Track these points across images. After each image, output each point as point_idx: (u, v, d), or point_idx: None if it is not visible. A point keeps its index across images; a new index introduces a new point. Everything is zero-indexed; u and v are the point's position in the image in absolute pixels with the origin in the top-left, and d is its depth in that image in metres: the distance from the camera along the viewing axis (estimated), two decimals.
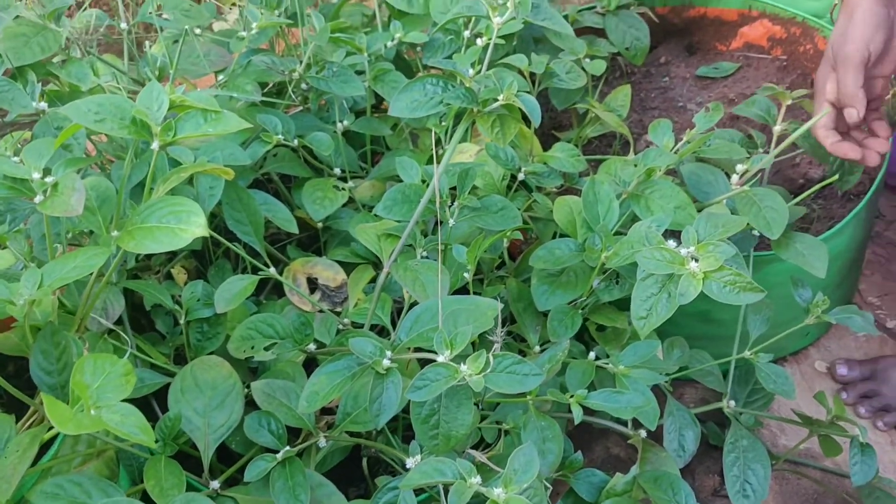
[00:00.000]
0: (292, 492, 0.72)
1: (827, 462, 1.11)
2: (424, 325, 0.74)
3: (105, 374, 0.58)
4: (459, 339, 0.67)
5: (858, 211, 1.08)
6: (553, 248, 0.88)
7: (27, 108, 0.87)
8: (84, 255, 0.65)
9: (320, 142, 0.99)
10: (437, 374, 0.65)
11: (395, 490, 0.70)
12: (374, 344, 0.71)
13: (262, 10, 1.03)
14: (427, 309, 0.74)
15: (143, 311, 0.97)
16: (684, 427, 0.89)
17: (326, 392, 0.70)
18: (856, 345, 1.26)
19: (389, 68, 1.04)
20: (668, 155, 0.90)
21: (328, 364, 0.72)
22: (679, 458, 0.88)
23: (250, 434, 0.76)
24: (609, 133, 1.26)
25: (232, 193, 0.92)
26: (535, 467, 0.62)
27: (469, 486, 0.60)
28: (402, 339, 0.73)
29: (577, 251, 0.88)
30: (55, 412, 0.54)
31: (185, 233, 0.65)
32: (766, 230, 0.89)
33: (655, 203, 0.88)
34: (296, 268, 0.98)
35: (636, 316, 0.72)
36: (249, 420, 0.77)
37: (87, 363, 0.58)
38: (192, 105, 0.69)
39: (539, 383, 0.67)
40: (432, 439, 0.69)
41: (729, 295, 0.68)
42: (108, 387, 0.58)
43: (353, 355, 0.71)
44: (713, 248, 0.70)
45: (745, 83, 1.32)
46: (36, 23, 0.92)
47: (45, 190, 0.69)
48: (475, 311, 0.73)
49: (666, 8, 1.39)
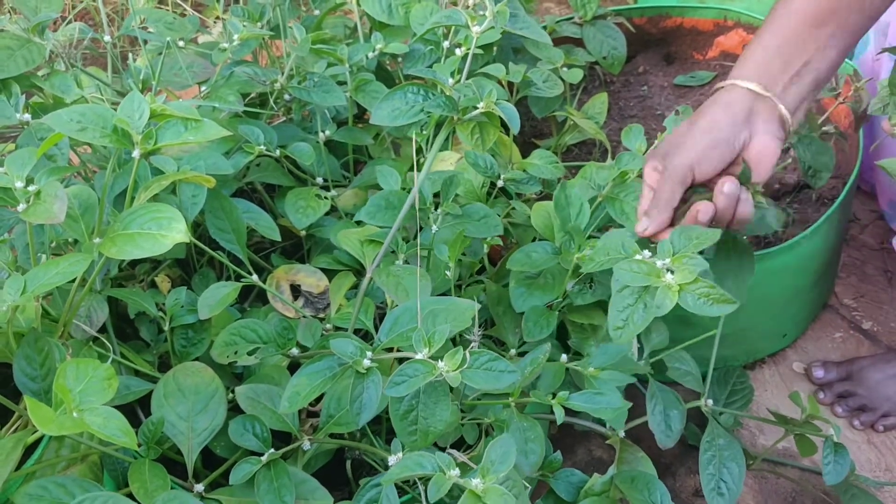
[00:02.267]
0: (277, 493, 0.73)
1: (805, 461, 1.12)
2: (404, 326, 0.75)
3: (88, 378, 0.59)
4: (437, 337, 0.68)
5: (831, 214, 1.10)
6: (530, 252, 0.90)
7: (11, 119, 0.88)
8: (67, 262, 0.66)
9: (302, 152, 1.00)
10: (414, 371, 0.67)
11: (377, 487, 0.71)
12: (355, 344, 0.72)
13: (244, 22, 1.04)
14: (406, 310, 0.76)
15: (127, 319, 0.97)
16: (669, 406, 0.90)
17: (307, 392, 0.71)
18: (832, 346, 1.28)
19: (371, 79, 1.06)
20: (640, 158, 0.92)
21: (309, 365, 0.73)
22: (667, 438, 0.89)
23: (235, 438, 0.77)
24: (589, 141, 1.28)
25: (214, 202, 0.93)
26: (512, 458, 0.63)
27: (448, 478, 0.61)
28: (381, 339, 0.75)
29: (553, 254, 0.90)
30: (38, 414, 0.55)
31: (166, 239, 0.66)
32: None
33: (629, 205, 0.90)
34: (279, 275, 0.99)
35: (613, 326, 0.72)
36: (234, 424, 0.78)
37: (69, 368, 0.59)
38: (173, 114, 0.71)
39: (515, 380, 0.68)
40: (411, 435, 0.70)
41: (703, 307, 0.69)
42: (91, 390, 0.58)
43: (335, 356, 0.72)
44: (688, 260, 0.71)
45: None
46: (20, 36, 0.93)
47: (27, 198, 0.70)
48: (453, 311, 0.74)
49: (643, 18, 1.42)
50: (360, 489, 0.72)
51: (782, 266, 1.11)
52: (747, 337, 1.21)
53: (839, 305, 1.33)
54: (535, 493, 1.01)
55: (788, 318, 1.24)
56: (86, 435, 0.70)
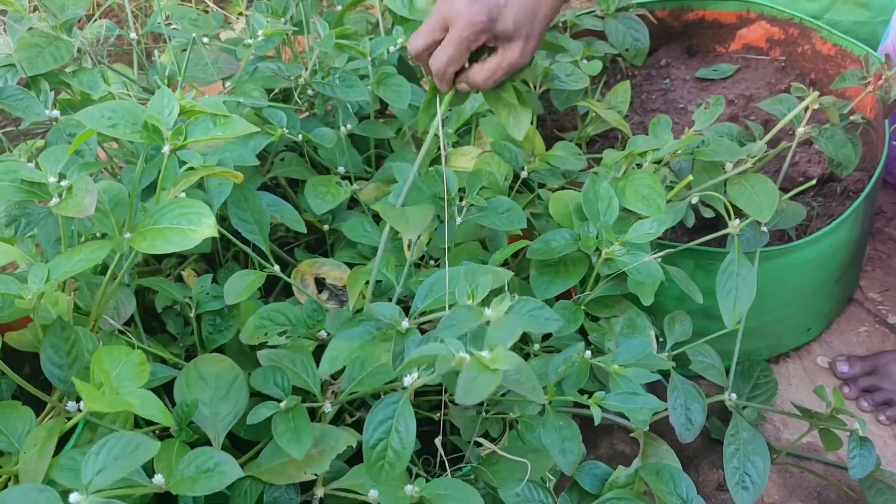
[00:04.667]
0: (295, 432, 0.72)
1: (830, 456, 1.12)
2: (440, 292, 0.75)
3: (122, 363, 0.60)
4: (480, 288, 0.67)
5: (856, 207, 1.09)
6: (549, 240, 0.91)
7: (41, 115, 0.90)
8: (88, 249, 0.67)
9: (324, 136, 1.01)
10: (463, 315, 0.65)
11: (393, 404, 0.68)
12: (394, 307, 0.73)
13: (268, 18, 1.05)
14: (441, 277, 0.75)
15: (153, 313, 0.99)
16: (690, 400, 0.90)
17: (346, 355, 0.72)
18: (857, 340, 1.27)
19: (392, 72, 1.06)
20: (652, 140, 0.93)
21: (347, 330, 0.74)
22: (687, 432, 0.89)
23: (257, 384, 0.77)
24: (612, 133, 1.28)
25: (237, 193, 0.94)
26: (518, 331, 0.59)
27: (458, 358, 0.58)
28: (418, 305, 0.75)
29: (572, 241, 0.90)
30: (86, 391, 0.57)
31: (195, 233, 0.67)
32: (757, 214, 0.91)
33: (631, 187, 0.90)
34: (304, 269, 1.00)
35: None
36: (256, 374, 0.78)
37: (104, 354, 0.60)
38: (202, 110, 0.71)
39: (557, 328, 0.67)
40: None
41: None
42: (125, 375, 0.60)
43: (372, 321, 0.73)
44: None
45: (745, 84, 1.34)
46: (49, 34, 0.94)
47: (60, 193, 0.71)
48: (491, 272, 0.74)
49: (665, 11, 1.41)
50: (375, 405, 0.68)
51: (806, 260, 1.11)
52: (771, 331, 1.21)
53: (864, 299, 1.32)
54: (559, 486, 1.02)
55: (812, 312, 1.24)
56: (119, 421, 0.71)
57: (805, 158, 1.23)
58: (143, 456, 0.55)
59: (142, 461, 0.55)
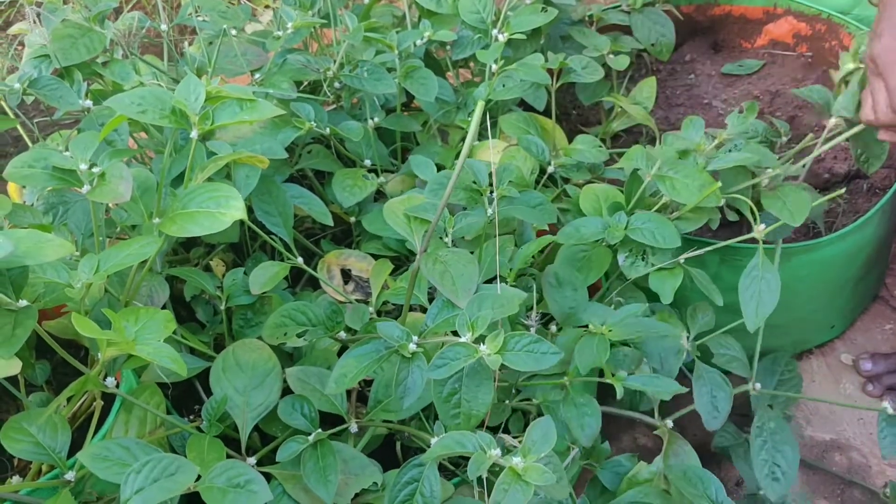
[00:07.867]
0: (322, 472, 0.74)
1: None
2: (451, 312, 0.76)
3: (147, 320, 0.61)
4: (480, 321, 0.69)
5: (883, 204, 1.09)
6: (579, 226, 0.91)
7: (74, 105, 0.91)
8: (138, 244, 0.68)
9: (351, 129, 1.01)
10: (456, 354, 0.67)
11: (419, 466, 0.71)
12: (401, 329, 0.73)
13: (296, 10, 1.06)
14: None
15: (182, 302, 1.00)
16: (716, 388, 0.89)
17: (354, 374, 0.72)
18: (882, 337, 1.26)
19: (419, 65, 1.07)
20: (685, 139, 0.93)
21: (356, 348, 0.74)
22: (714, 420, 0.89)
23: (284, 417, 0.79)
24: (636, 129, 1.28)
25: (262, 186, 0.94)
26: (553, 438, 0.63)
27: (489, 457, 0.61)
28: (428, 325, 0.76)
29: (601, 229, 0.91)
30: (85, 327, 0.57)
31: (224, 216, 0.68)
32: (789, 219, 0.91)
33: (680, 182, 0.90)
34: (330, 260, 1.01)
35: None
36: (283, 404, 0.79)
37: (130, 313, 0.61)
38: (228, 95, 0.72)
39: (556, 362, 0.68)
40: (454, 418, 0.71)
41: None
42: (149, 329, 0.60)
43: (382, 339, 0.73)
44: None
45: (770, 80, 1.33)
46: (82, 25, 0.96)
47: (92, 180, 0.72)
48: (501, 298, 0.75)
49: (691, 7, 1.41)
50: (402, 467, 0.72)
51: (831, 257, 1.10)
52: (795, 327, 1.20)
53: (889, 297, 1.31)
54: (579, 481, 1.02)
55: (837, 309, 1.23)
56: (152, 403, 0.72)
57: (831, 155, 1.22)
58: (183, 481, 0.56)
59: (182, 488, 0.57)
